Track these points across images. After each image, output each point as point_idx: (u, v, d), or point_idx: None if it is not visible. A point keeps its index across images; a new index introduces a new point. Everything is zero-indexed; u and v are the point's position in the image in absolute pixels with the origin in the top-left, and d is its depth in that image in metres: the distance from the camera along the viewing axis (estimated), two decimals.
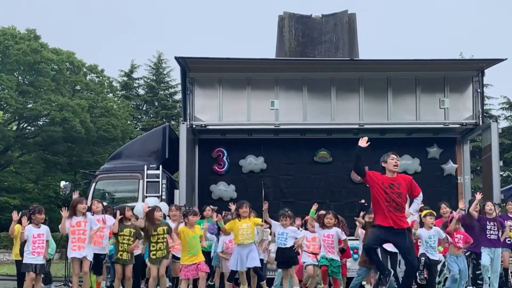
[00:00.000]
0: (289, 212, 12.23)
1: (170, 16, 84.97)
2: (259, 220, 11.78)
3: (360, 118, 16.55)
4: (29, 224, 11.15)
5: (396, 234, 9.18)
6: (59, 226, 11.34)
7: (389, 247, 11.15)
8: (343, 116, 16.57)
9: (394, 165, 9.43)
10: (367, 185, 9.69)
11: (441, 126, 16.73)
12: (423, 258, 11.43)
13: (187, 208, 14.08)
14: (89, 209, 11.73)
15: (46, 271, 12.52)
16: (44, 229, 11.24)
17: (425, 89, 16.70)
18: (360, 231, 12.40)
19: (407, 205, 9.88)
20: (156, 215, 11.64)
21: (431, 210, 12.01)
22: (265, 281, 11.96)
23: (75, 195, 11.70)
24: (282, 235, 11.91)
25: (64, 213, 11.16)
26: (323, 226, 11.90)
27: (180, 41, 75.85)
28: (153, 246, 11.53)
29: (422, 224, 11.84)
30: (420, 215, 11.92)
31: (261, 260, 12.37)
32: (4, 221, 29.81)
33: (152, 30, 79.54)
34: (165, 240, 11.58)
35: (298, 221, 13.76)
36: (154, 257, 11.49)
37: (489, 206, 12.60)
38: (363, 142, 9.38)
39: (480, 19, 77.25)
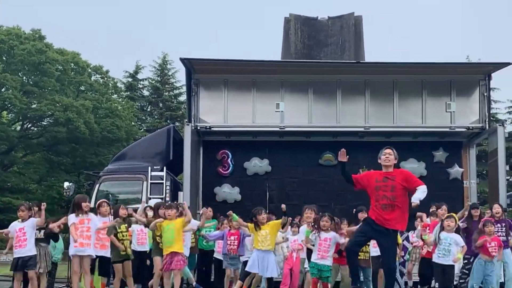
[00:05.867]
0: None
1: (175, 17, 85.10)
2: (277, 223, 11.44)
3: (366, 121, 16.49)
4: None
5: (380, 232, 9.08)
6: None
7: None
8: (348, 119, 16.51)
9: (385, 159, 9.33)
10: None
11: (447, 129, 16.66)
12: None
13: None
14: (92, 210, 11.65)
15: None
16: (27, 222, 11.11)
17: (431, 93, 16.62)
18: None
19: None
20: (160, 213, 11.81)
21: (453, 214, 11.74)
22: None
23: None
24: None
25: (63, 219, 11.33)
26: (319, 229, 11.43)
27: (184, 42, 75.89)
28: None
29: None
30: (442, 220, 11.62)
31: None
32: (7, 222, 29.73)
33: (157, 31, 79.66)
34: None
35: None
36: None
37: (496, 209, 12.52)
38: (342, 157, 9.47)
39: (488, 21, 77.12)
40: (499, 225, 12.47)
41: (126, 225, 12.19)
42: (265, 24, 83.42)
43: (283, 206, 11.67)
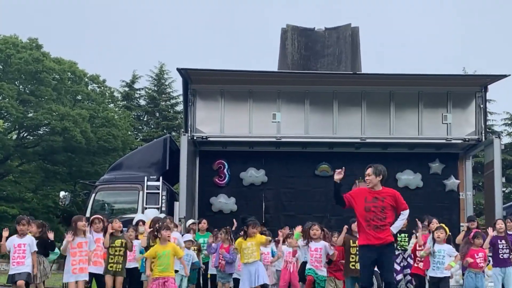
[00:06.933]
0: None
1: (172, 28, 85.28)
2: (263, 238, 11.29)
3: (362, 132, 16.50)
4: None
5: (377, 250, 8.90)
6: (61, 248, 11.11)
7: None
8: (345, 129, 16.52)
9: (366, 181, 9.13)
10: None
11: (444, 141, 16.68)
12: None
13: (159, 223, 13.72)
14: (88, 220, 11.55)
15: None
16: (27, 239, 10.98)
17: (427, 104, 16.66)
18: None
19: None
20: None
21: (442, 224, 11.65)
22: None
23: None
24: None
25: (69, 236, 10.89)
26: (309, 239, 11.46)
27: (182, 52, 76.04)
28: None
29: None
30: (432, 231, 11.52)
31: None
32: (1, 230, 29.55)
33: (154, 41, 79.75)
34: None
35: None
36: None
37: (499, 224, 12.21)
38: (338, 175, 9.03)
39: (484, 33, 77.49)
40: (503, 241, 12.19)
41: (121, 240, 11.68)
42: (262, 34, 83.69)
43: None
